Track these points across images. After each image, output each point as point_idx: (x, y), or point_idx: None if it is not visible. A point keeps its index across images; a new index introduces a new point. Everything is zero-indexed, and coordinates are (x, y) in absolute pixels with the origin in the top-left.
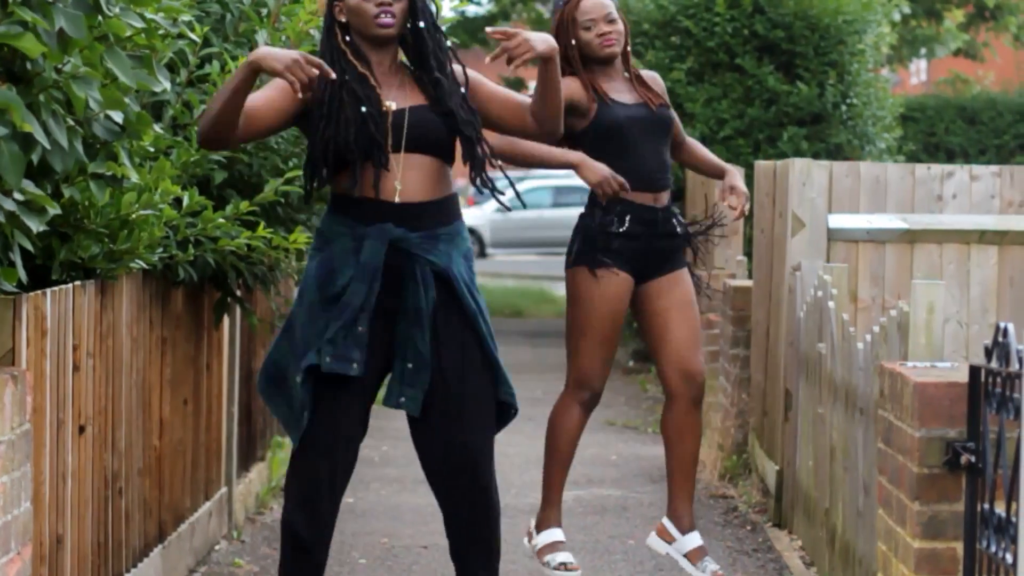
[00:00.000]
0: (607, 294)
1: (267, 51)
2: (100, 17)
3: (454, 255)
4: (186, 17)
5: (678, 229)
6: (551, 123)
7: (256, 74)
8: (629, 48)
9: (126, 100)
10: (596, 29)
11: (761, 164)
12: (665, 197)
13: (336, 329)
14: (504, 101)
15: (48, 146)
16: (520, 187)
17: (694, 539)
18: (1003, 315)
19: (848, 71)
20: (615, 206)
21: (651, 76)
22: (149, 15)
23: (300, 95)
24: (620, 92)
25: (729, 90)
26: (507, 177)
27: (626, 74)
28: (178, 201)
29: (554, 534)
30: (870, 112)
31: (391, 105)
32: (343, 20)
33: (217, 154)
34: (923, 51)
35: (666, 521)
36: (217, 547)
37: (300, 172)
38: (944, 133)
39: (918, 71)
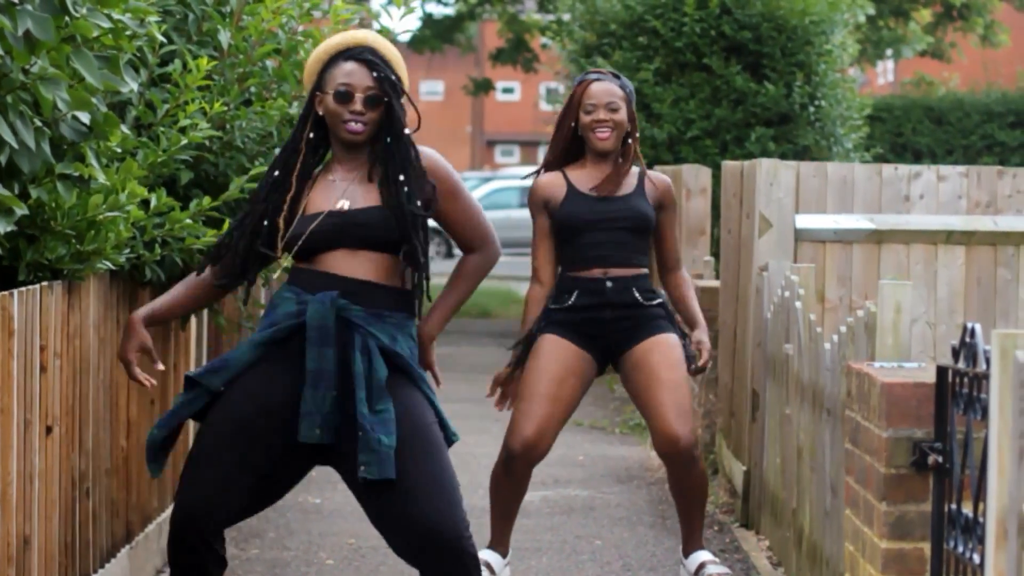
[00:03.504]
0: (544, 352)
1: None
2: (67, 18)
3: (399, 338)
4: (153, 18)
5: (640, 298)
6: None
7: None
8: (636, 136)
9: (93, 101)
10: (595, 115)
11: (728, 164)
12: (619, 271)
13: (319, 400)
14: (459, 221)
15: (16, 147)
16: (488, 187)
17: (698, 557)
18: (970, 315)
19: (815, 72)
20: (565, 284)
21: (658, 180)
22: (116, 16)
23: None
24: (593, 180)
25: (697, 90)
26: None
27: (621, 161)
28: (145, 202)
29: (486, 554)
30: (837, 112)
31: (344, 205)
32: (320, 113)
33: (183, 154)
34: (889, 52)
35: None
36: None
37: (266, 169)
38: (911, 133)
39: (885, 71)
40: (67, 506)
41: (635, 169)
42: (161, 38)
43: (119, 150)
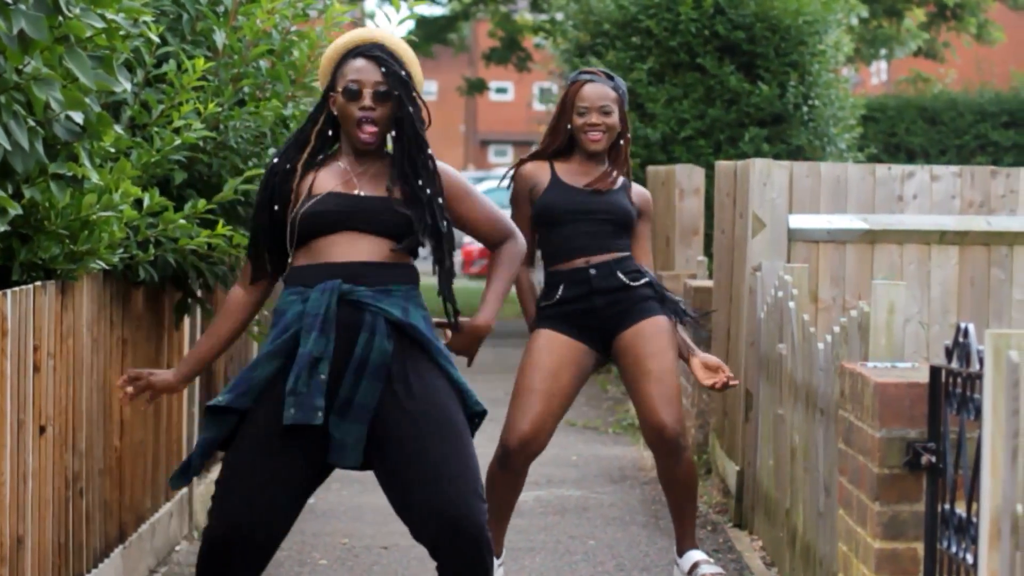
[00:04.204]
0: (537, 348)
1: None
2: (60, 18)
3: (411, 309)
4: (146, 18)
5: (626, 280)
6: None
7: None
8: (628, 136)
9: (87, 101)
10: (588, 118)
11: (721, 164)
12: (600, 257)
13: (296, 378)
14: (477, 220)
15: (9, 147)
16: (481, 187)
17: (691, 557)
18: (964, 315)
19: (809, 72)
20: (551, 280)
21: (641, 191)
22: (110, 16)
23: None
24: (578, 175)
25: (690, 90)
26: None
27: (609, 167)
28: (138, 202)
29: None
30: (831, 112)
31: (360, 193)
32: (335, 112)
33: (177, 154)
34: (883, 51)
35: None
36: (178, 548)
37: (260, 171)
38: (905, 133)
39: (878, 71)
40: (61, 506)
41: (620, 178)
42: (156, 39)
43: (112, 150)
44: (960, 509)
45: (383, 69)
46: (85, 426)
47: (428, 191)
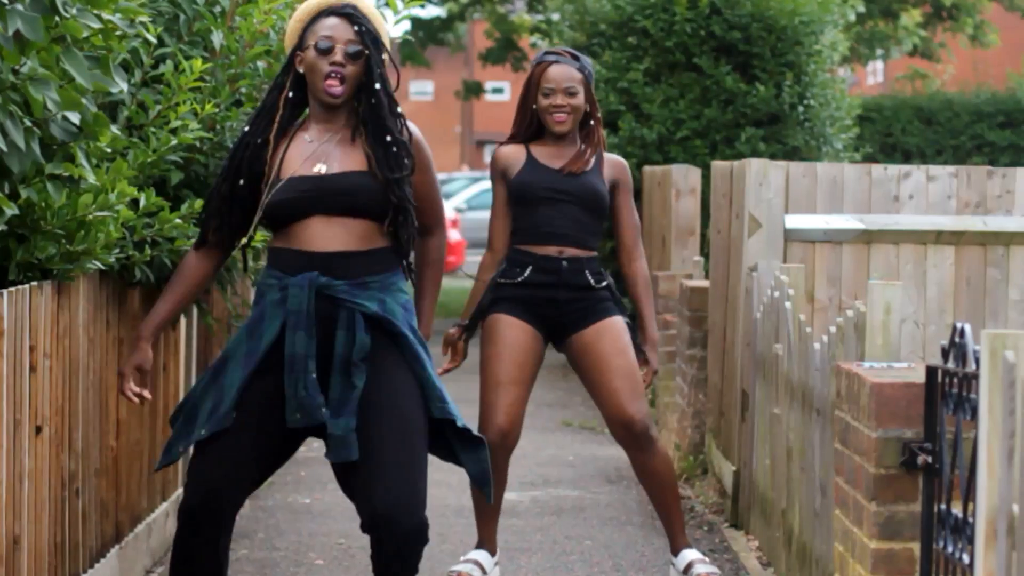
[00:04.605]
0: (501, 337)
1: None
2: (57, 18)
3: (388, 301)
4: (143, 18)
5: (592, 281)
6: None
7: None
8: (599, 116)
9: (83, 101)
10: (552, 99)
11: (718, 164)
12: (574, 251)
13: (296, 382)
14: (422, 196)
15: (5, 147)
16: (477, 187)
17: (686, 556)
18: (960, 315)
19: (805, 72)
20: (518, 258)
21: (613, 161)
22: (106, 16)
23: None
24: (554, 158)
25: (686, 90)
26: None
27: (582, 146)
28: (135, 202)
29: (477, 554)
30: (827, 113)
31: (321, 169)
32: (300, 71)
33: (173, 155)
34: (880, 52)
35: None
36: None
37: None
38: (901, 134)
39: (875, 71)
40: (57, 506)
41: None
42: (153, 39)
43: (109, 150)
44: (956, 509)
45: (356, 28)
46: (81, 426)
47: (401, 164)
